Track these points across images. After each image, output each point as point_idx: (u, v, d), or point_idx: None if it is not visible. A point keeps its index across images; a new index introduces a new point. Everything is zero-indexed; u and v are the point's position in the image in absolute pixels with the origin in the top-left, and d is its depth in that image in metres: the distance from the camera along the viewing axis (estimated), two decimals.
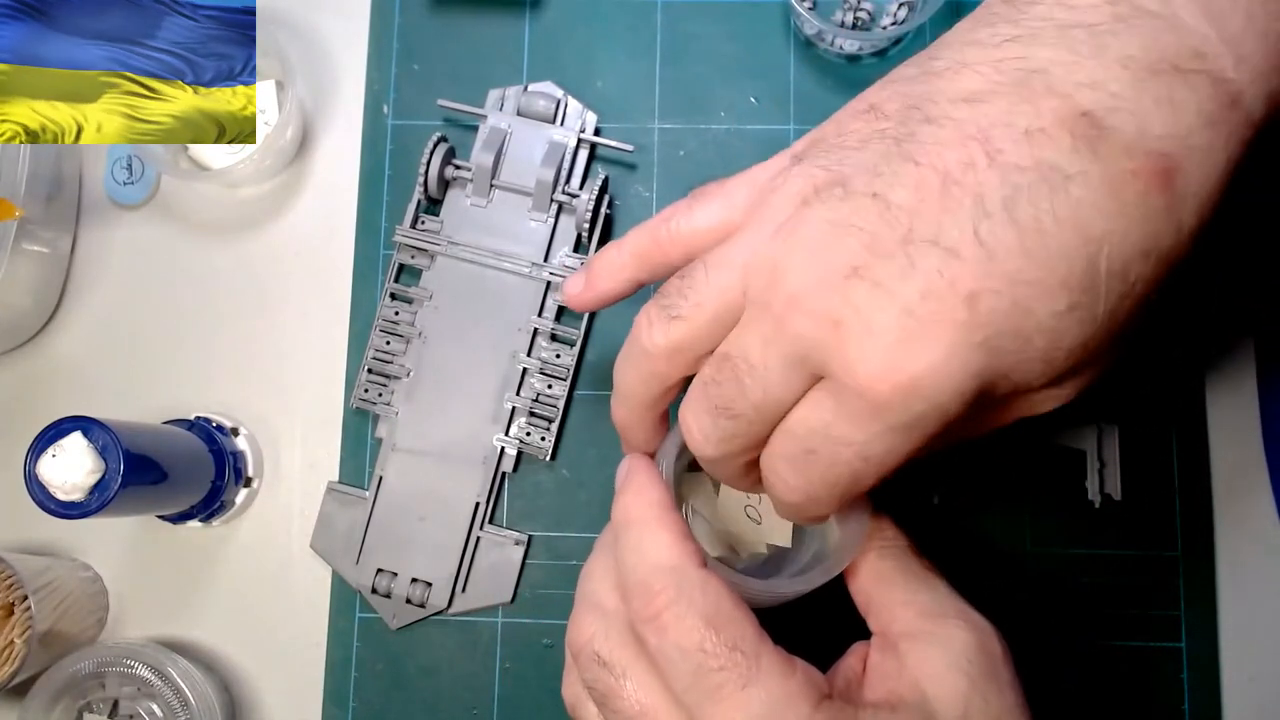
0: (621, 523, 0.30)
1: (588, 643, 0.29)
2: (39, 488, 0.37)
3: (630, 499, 0.30)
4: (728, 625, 0.27)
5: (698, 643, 0.26)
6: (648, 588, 0.28)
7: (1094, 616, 0.43)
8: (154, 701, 0.42)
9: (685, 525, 0.29)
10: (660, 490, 0.30)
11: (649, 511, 0.30)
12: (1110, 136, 0.22)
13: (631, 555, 0.29)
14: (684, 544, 0.29)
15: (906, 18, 0.46)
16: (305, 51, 0.49)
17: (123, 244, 0.48)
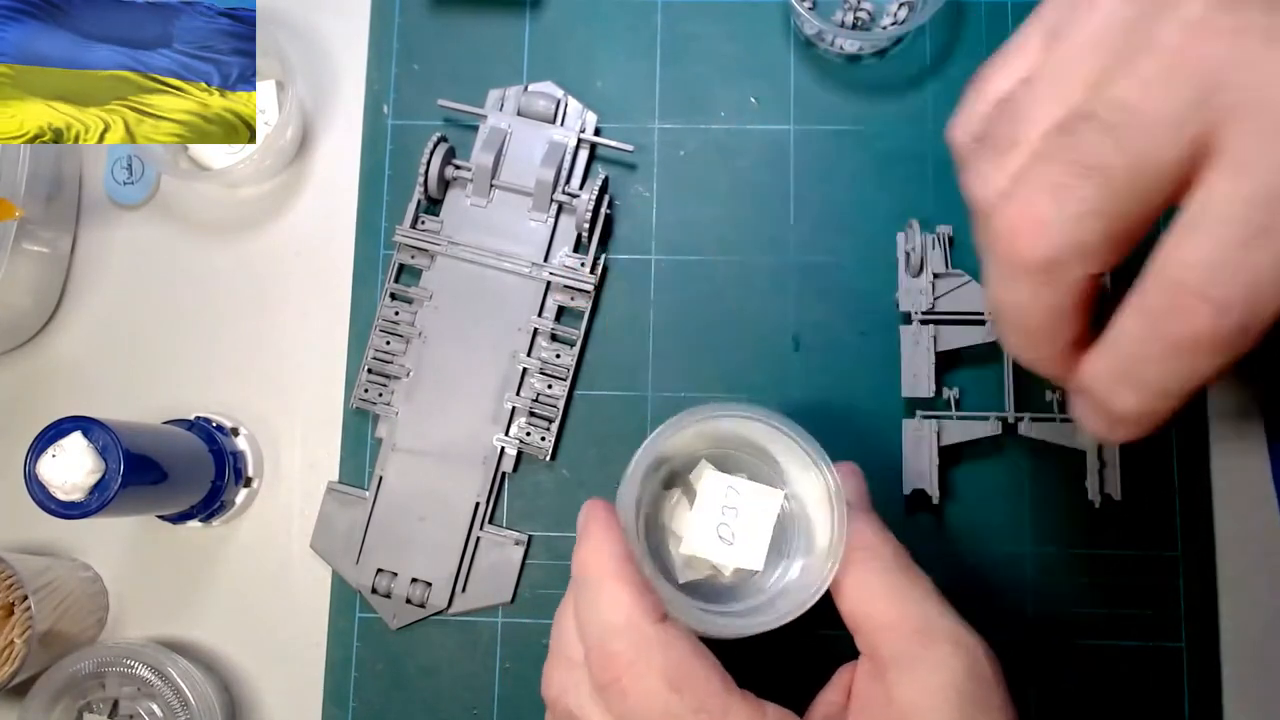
0: (579, 577, 0.29)
1: (560, 696, 0.29)
2: (39, 488, 0.37)
3: (586, 553, 0.29)
4: (690, 684, 0.26)
5: (661, 707, 0.26)
6: (605, 650, 0.27)
7: (1094, 616, 0.43)
8: (154, 701, 0.42)
9: (642, 578, 0.28)
10: (616, 541, 0.29)
11: (605, 566, 0.29)
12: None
13: (588, 614, 0.28)
14: (640, 599, 0.28)
15: (906, 18, 0.46)
16: (305, 51, 0.49)
17: (123, 244, 0.48)
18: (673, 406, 0.45)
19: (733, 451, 0.35)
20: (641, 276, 0.46)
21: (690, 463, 0.35)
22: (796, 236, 0.46)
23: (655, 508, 0.35)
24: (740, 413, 0.32)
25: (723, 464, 0.35)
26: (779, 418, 0.32)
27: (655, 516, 0.35)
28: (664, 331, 0.46)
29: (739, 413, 0.32)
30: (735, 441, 0.35)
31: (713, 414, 0.32)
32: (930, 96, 0.47)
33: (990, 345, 0.43)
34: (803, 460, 0.32)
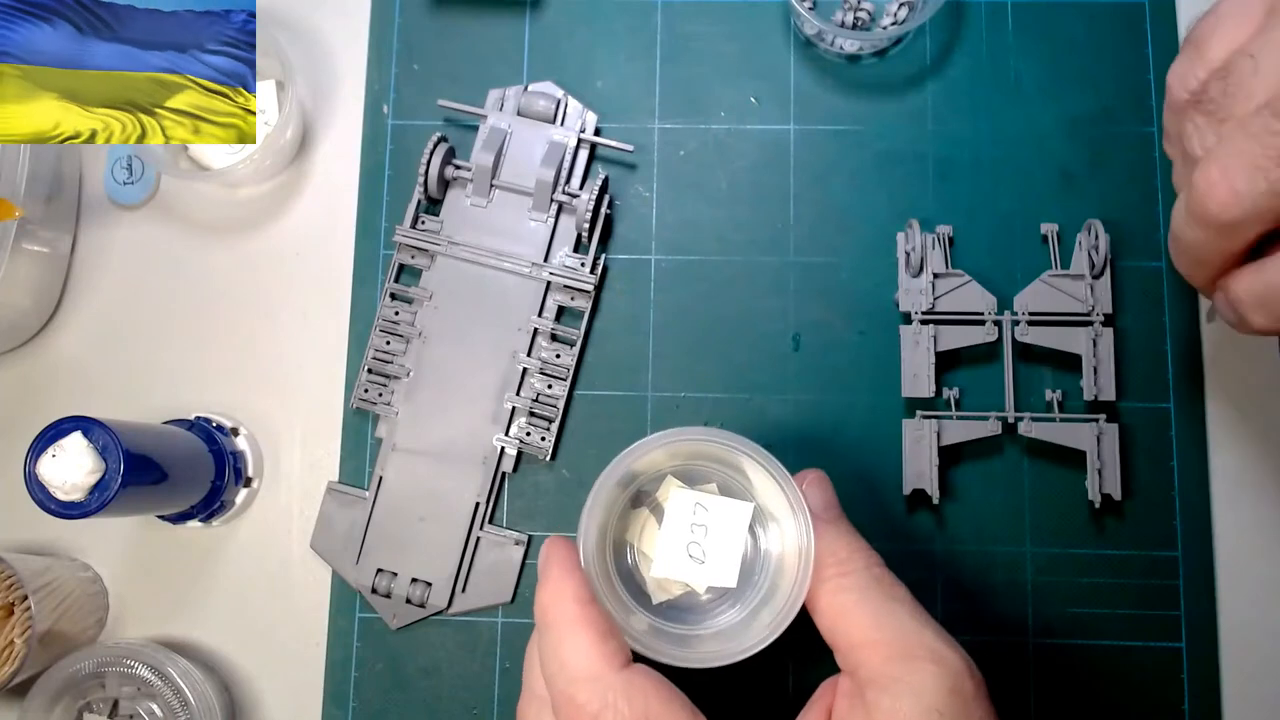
0: (541, 623, 0.29)
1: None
2: (39, 488, 0.37)
3: (546, 597, 0.29)
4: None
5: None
6: (571, 700, 0.27)
7: (1094, 616, 0.43)
8: (154, 701, 0.42)
9: (606, 621, 0.28)
10: (576, 583, 0.29)
11: (566, 610, 0.28)
12: None
13: (552, 663, 0.28)
14: (603, 645, 0.27)
15: (907, 18, 0.46)
16: (305, 51, 0.49)
17: (123, 244, 0.48)
18: (672, 406, 0.45)
19: (701, 465, 0.34)
20: (641, 276, 0.46)
21: (657, 480, 0.34)
22: (796, 236, 0.46)
23: (622, 528, 0.34)
24: (698, 436, 0.31)
25: (691, 478, 0.34)
26: (737, 439, 0.31)
27: (622, 537, 0.34)
28: (664, 331, 0.46)
29: (699, 436, 0.31)
30: (702, 457, 0.34)
31: (675, 438, 0.31)
32: (930, 96, 0.47)
33: (990, 345, 0.43)
34: (765, 474, 0.32)
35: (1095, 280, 0.43)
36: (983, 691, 0.27)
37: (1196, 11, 0.47)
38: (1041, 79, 0.47)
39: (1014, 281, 0.44)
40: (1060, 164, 0.46)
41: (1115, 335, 0.43)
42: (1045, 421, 0.43)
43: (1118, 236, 0.44)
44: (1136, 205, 0.45)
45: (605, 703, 0.26)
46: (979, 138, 0.46)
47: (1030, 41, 0.47)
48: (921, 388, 0.43)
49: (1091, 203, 0.45)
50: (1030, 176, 0.46)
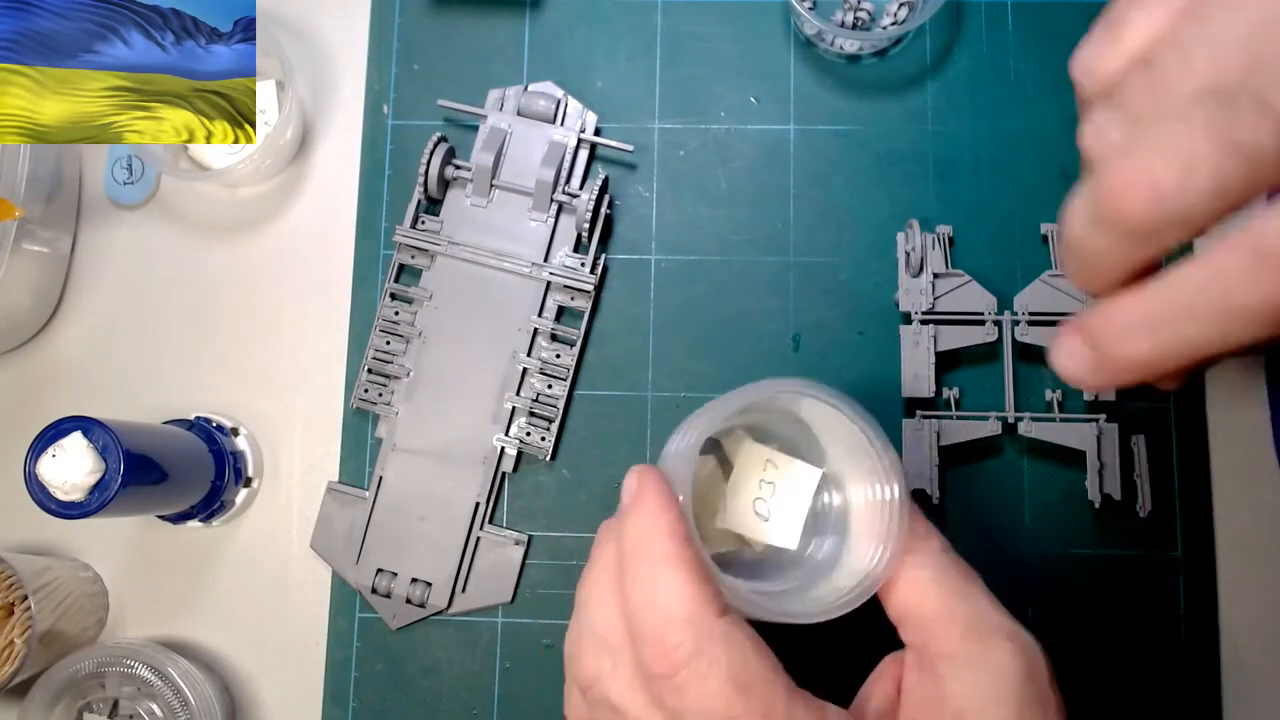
0: (631, 554, 0.27)
1: (594, 682, 0.27)
2: (39, 488, 0.37)
3: (641, 525, 0.27)
4: (756, 686, 0.25)
5: (724, 708, 0.24)
6: (662, 641, 0.25)
7: (1094, 616, 0.43)
8: (154, 701, 0.42)
9: (703, 563, 0.26)
10: (674, 515, 0.27)
11: (662, 545, 0.26)
12: None
13: (642, 597, 0.26)
14: (703, 588, 0.26)
15: (906, 18, 0.46)
16: (305, 51, 0.49)
17: (123, 244, 0.48)
18: (672, 406, 0.45)
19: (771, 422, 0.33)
20: (641, 276, 0.46)
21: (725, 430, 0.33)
22: (796, 236, 0.46)
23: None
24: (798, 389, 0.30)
25: (759, 433, 0.33)
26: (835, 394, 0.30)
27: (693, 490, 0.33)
28: (664, 331, 0.46)
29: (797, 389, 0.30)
30: (776, 412, 0.33)
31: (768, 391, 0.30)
32: (930, 96, 0.47)
33: (990, 345, 0.43)
34: (852, 439, 0.30)
35: None
36: (1053, 676, 0.27)
37: None
38: (1041, 79, 0.47)
39: (1014, 281, 0.44)
40: (1060, 164, 0.46)
41: None
42: (1045, 421, 0.43)
43: None
44: None
45: (700, 649, 0.25)
46: (979, 138, 0.46)
47: (1030, 41, 0.47)
48: (921, 388, 0.43)
49: None
50: (1030, 176, 0.46)
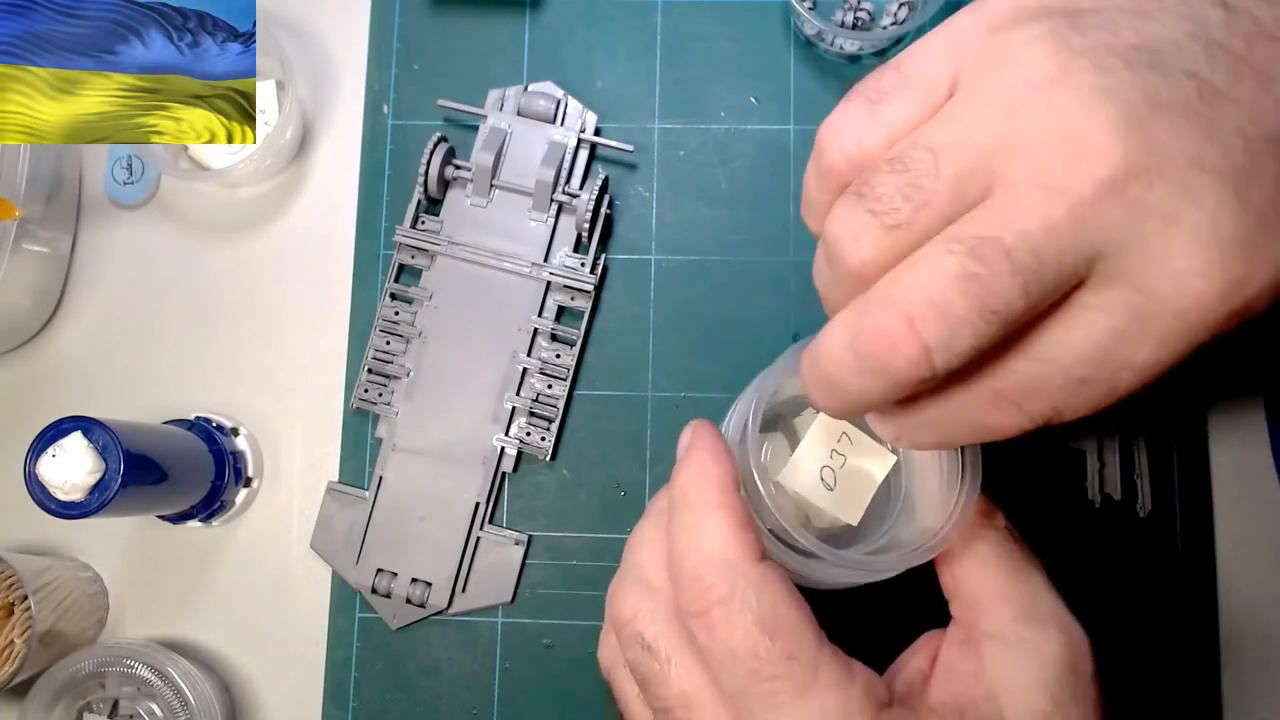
0: (678, 501, 0.27)
1: (631, 620, 0.27)
2: (39, 488, 0.37)
3: (689, 475, 0.28)
4: (784, 631, 0.25)
5: (751, 648, 0.25)
6: (698, 580, 0.26)
7: (1094, 617, 0.43)
8: (154, 701, 0.42)
9: (746, 511, 0.27)
10: (722, 467, 0.28)
11: (708, 493, 0.27)
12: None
13: (684, 540, 0.27)
14: (742, 534, 0.26)
15: (906, 18, 0.46)
16: (305, 51, 0.49)
17: (123, 244, 0.48)
18: (672, 406, 0.45)
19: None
20: (641, 276, 0.46)
21: (795, 406, 0.33)
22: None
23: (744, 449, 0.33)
24: None
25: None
26: None
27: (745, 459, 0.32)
28: (664, 331, 0.46)
29: None
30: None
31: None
32: None
33: None
34: None
35: None
36: (1098, 673, 0.27)
37: None
38: None
39: None
40: None
41: None
42: None
43: None
44: None
45: (734, 590, 0.25)
46: None
47: None
48: None
49: None
50: None
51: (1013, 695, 0.26)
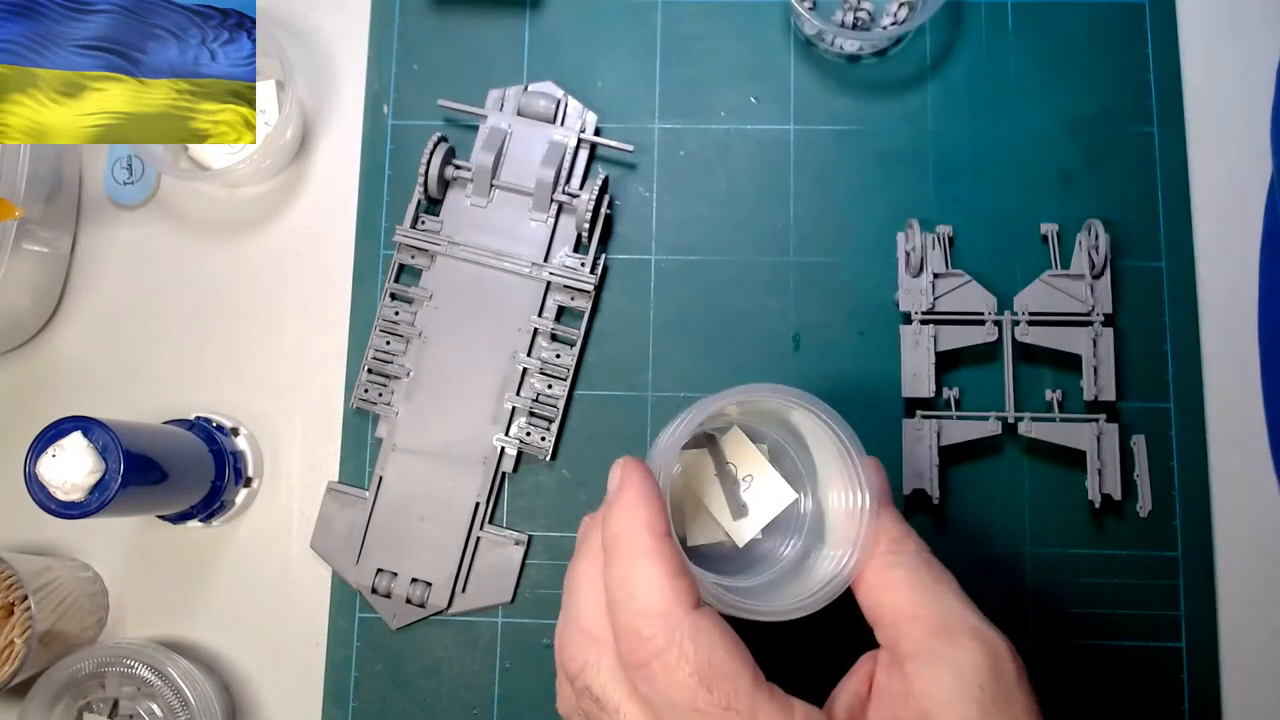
0: (611, 547, 0.28)
1: (579, 672, 0.28)
2: (39, 488, 0.37)
3: (620, 520, 0.28)
4: (721, 680, 0.25)
5: (689, 700, 0.25)
6: (636, 633, 0.26)
7: (1094, 616, 0.43)
8: (154, 701, 0.42)
9: (678, 557, 0.27)
10: (654, 510, 0.28)
11: (640, 539, 0.27)
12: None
13: (620, 591, 0.27)
14: (675, 582, 0.27)
15: (906, 18, 0.46)
16: (305, 51, 0.49)
17: (123, 244, 0.48)
18: (673, 406, 0.45)
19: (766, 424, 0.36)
20: (641, 276, 0.46)
21: (719, 424, 0.35)
22: (796, 236, 0.46)
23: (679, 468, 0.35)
24: (781, 395, 0.31)
25: (755, 434, 0.35)
26: (817, 403, 0.31)
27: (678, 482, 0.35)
28: (664, 331, 0.46)
29: (781, 396, 0.31)
30: (770, 415, 0.35)
31: (756, 394, 0.31)
32: (930, 96, 0.47)
33: (990, 345, 0.43)
34: (833, 446, 0.32)
35: (1095, 280, 0.43)
36: (1024, 676, 0.27)
37: (1197, 11, 0.47)
38: (1041, 79, 0.47)
39: (1014, 281, 0.44)
40: (1060, 164, 0.46)
41: (1115, 335, 0.43)
42: (1045, 421, 0.43)
43: (1118, 236, 0.44)
44: (1136, 205, 0.45)
45: (672, 641, 0.26)
46: (979, 138, 0.46)
47: (1030, 41, 0.47)
48: (921, 388, 0.43)
49: (1091, 203, 0.45)
50: (1030, 176, 0.46)
51: (941, 710, 0.26)
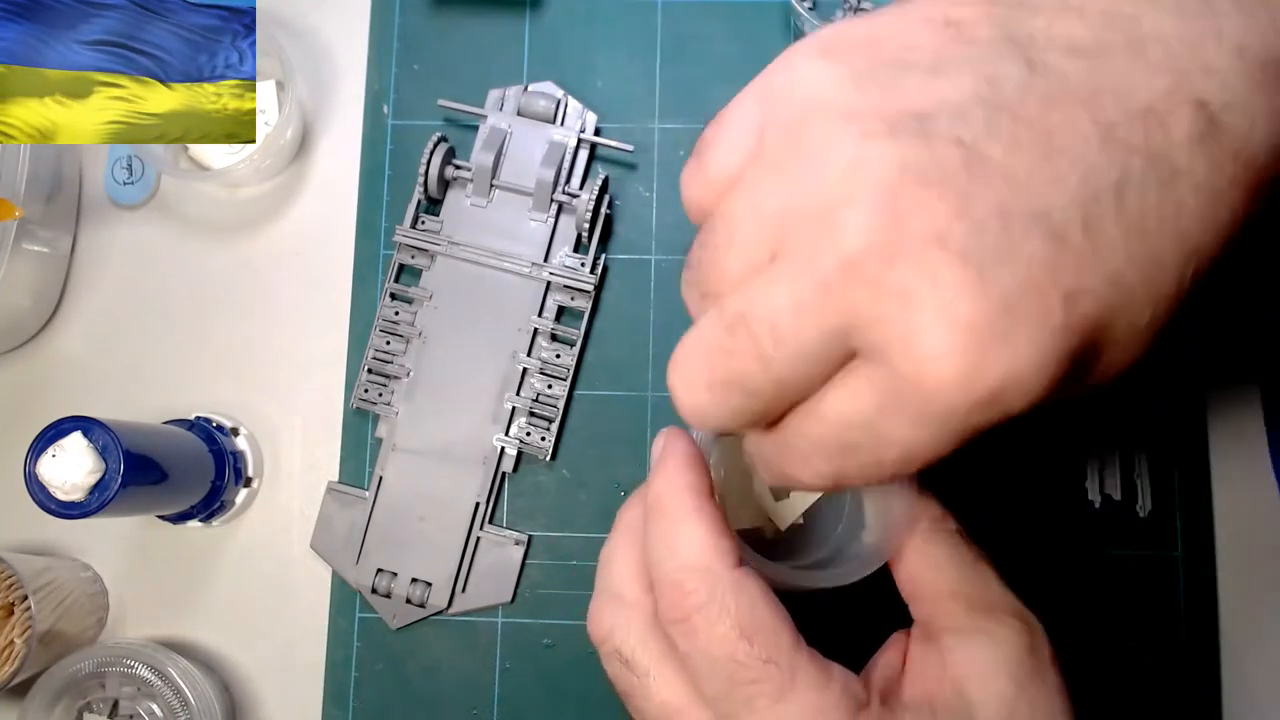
0: (654, 509, 0.28)
1: (608, 635, 0.28)
2: (39, 488, 0.37)
3: (664, 483, 0.28)
4: (762, 635, 0.25)
5: (729, 653, 0.25)
6: (678, 587, 0.26)
7: (1094, 616, 0.43)
8: (154, 701, 0.42)
9: (721, 518, 0.27)
10: (697, 474, 0.28)
11: (683, 500, 0.27)
12: (1221, 135, 0.20)
13: (661, 549, 0.27)
14: (719, 540, 0.27)
15: None
16: (305, 51, 0.49)
17: (123, 244, 0.48)
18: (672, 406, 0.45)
19: None
20: (641, 276, 0.46)
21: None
22: None
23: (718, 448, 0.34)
24: None
25: None
26: None
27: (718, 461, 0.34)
28: (664, 331, 0.46)
29: None
30: None
31: None
32: None
33: None
34: None
35: None
36: (1057, 659, 0.27)
37: None
38: None
39: None
40: None
41: None
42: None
43: None
44: None
45: (713, 596, 0.25)
46: None
47: None
48: None
49: None
50: None
51: (976, 683, 0.26)
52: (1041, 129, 0.20)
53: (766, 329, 0.21)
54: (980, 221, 0.19)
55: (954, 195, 0.19)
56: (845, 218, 0.20)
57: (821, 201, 0.20)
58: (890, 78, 0.21)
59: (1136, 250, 0.19)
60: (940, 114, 0.20)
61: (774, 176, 0.21)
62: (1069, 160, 0.19)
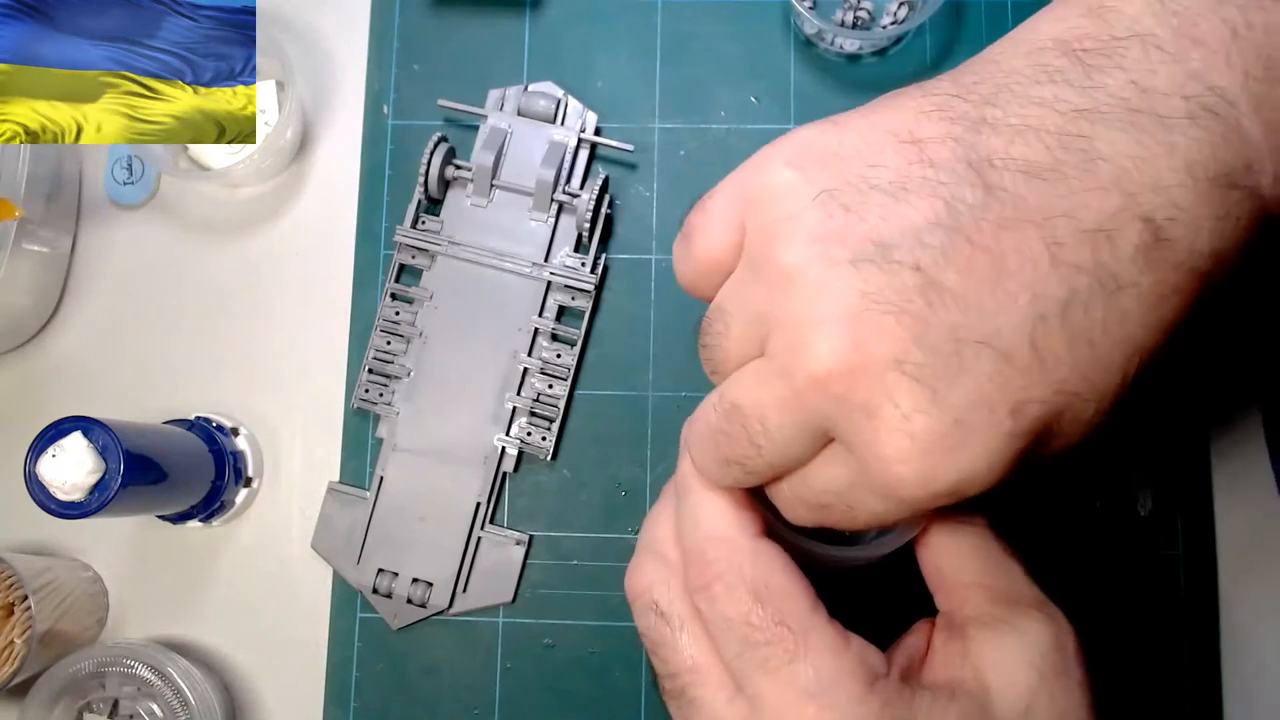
0: (682, 485, 0.29)
1: (646, 590, 0.29)
2: (39, 488, 0.37)
3: (689, 465, 0.29)
4: (776, 599, 0.26)
5: (744, 615, 0.26)
6: (701, 556, 0.28)
7: (1094, 616, 0.43)
8: (154, 701, 0.42)
9: (745, 494, 0.29)
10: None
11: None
12: (1166, 248, 0.21)
13: (688, 521, 0.29)
14: (739, 513, 0.28)
15: (906, 17, 0.46)
16: (305, 51, 0.49)
17: (123, 244, 0.48)
18: (673, 406, 0.45)
19: None
20: (641, 276, 0.46)
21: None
22: None
23: None
24: None
25: None
26: None
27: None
28: (664, 331, 0.46)
29: None
30: None
31: None
32: None
33: None
34: None
35: None
36: (1083, 656, 0.28)
37: None
38: None
39: None
40: None
41: None
42: None
43: None
44: None
45: (731, 564, 0.27)
46: None
47: None
48: None
49: None
50: None
51: (997, 671, 0.27)
52: (995, 253, 0.22)
53: (756, 421, 0.25)
54: (934, 346, 0.22)
55: (910, 321, 0.22)
56: (814, 339, 0.23)
57: (795, 317, 0.23)
58: (855, 200, 0.23)
59: (1082, 359, 0.22)
60: (901, 242, 0.22)
61: (757, 285, 0.25)
62: (1019, 283, 0.21)
